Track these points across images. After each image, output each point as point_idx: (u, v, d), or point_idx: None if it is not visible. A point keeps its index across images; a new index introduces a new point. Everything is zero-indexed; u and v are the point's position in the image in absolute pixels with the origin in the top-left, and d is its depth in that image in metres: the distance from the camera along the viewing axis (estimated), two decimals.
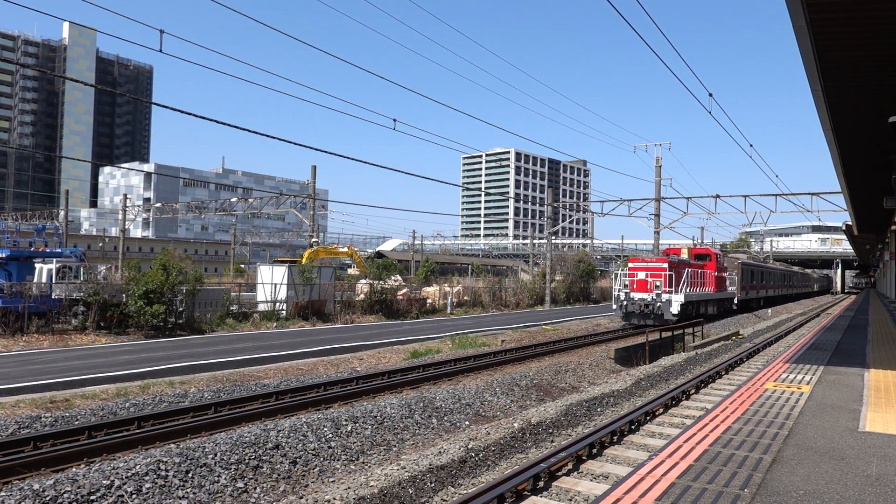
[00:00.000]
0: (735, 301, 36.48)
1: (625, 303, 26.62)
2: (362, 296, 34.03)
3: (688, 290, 26.99)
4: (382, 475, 7.05)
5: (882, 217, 27.16)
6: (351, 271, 48.68)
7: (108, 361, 15.69)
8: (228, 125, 14.84)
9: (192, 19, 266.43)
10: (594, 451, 8.87)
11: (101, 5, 13.59)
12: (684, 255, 30.91)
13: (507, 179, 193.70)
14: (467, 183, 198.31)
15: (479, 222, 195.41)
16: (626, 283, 27.14)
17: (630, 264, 27.63)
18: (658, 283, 25.92)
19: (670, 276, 25.96)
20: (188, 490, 6.77)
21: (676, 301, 25.65)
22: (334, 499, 6.27)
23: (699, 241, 67.21)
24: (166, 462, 7.01)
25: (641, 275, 26.72)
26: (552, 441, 9.78)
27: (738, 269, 38.61)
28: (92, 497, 6.18)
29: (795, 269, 78.00)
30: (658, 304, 25.70)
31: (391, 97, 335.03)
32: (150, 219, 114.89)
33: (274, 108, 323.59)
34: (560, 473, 7.97)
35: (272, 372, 14.97)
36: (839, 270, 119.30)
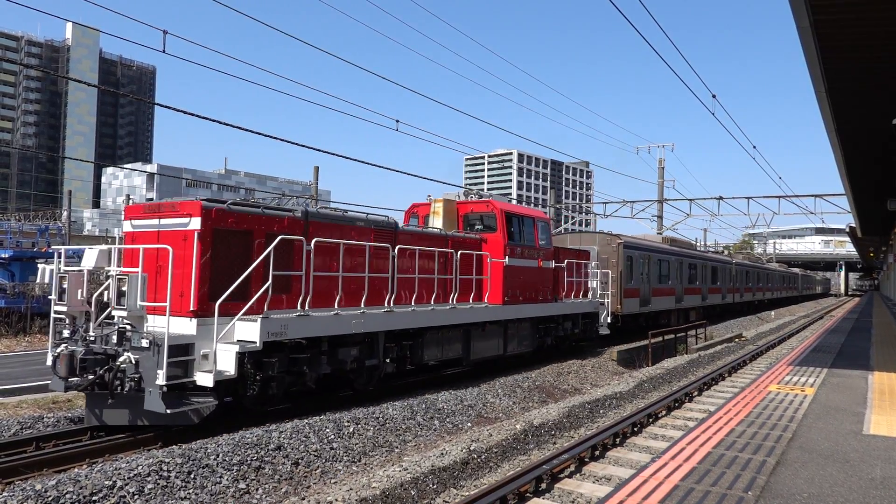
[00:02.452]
0: (603, 319, 18.52)
1: (62, 350, 8.88)
2: None
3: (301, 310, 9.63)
4: (384, 476, 7.04)
5: (886, 219, 27.08)
6: None
7: None
8: (231, 126, 14.85)
9: (195, 20, 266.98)
10: (597, 453, 8.85)
11: (105, 6, 13.61)
12: (435, 224, 14.20)
13: (510, 180, 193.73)
14: (470, 184, 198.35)
15: None
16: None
17: (126, 222, 9.79)
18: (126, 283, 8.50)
19: (197, 257, 8.71)
20: (190, 491, 6.76)
21: (225, 350, 8.62)
22: (336, 500, 6.26)
23: (702, 242, 65.17)
24: (168, 462, 7.00)
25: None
26: (554, 443, 9.75)
27: (617, 256, 21.41)
28: (94, 498, 6.18)
29: (774, 266, 59.90)
30: (129, 350, 8.39)
31: (393, 98, 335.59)
32: None
33: (276, 108, 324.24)
34: (562, 475, 7.95)
35: None
36: (843, 273, 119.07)
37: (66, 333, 9.22)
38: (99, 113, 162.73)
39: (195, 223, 8.81)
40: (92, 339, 8.95)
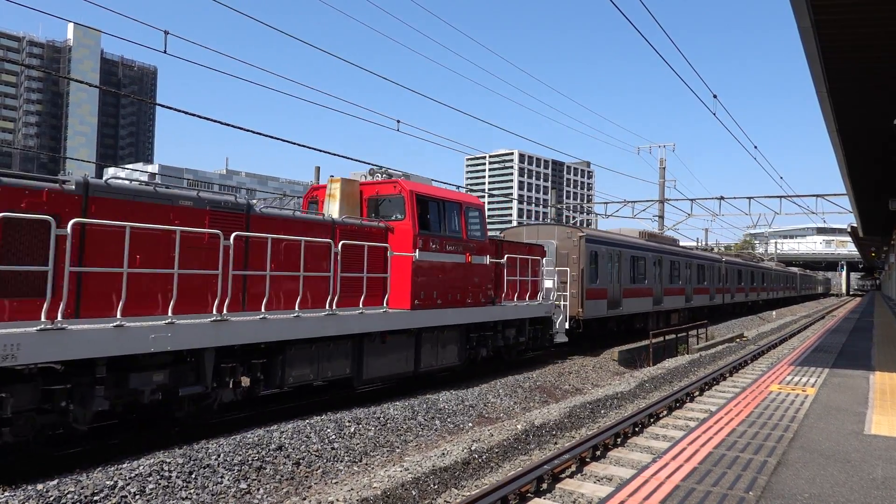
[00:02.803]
0: (559, 325, 16.29)
1: None
2: None
3: None
4: (386, 476, 7.05)
5: (887, 219, 27.06)
6: None
7: None
8: (232, 126, 14.87)
9: (196, 20, 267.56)
10: (598, 453, 8.86)
11: (106, 6, 13.64)
12: (332, 210, 11.71)
13: (511, 180, 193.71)
14: (471, 184, 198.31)
15: None
16: None
17: None
18: None
19: None
20: (191, 491, 6.77)
21: None
22: (337, 500, 6.26)
23: (703, 242, 65.35)
24: (170, 463, 7.01)
25: None
26: (555, 443, 9.76)
27: (578, 252, 18.92)
28: (95, 498, 6.18)
29: (770, 265, 55.38)
30: None
31: (394, 98, 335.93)
32: None
33: (277, 108, 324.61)
34: (563, 476, 7.96)
35: None
36: (844, 272, 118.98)
37: None
38: (100, 113, 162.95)
39: None
40: None
